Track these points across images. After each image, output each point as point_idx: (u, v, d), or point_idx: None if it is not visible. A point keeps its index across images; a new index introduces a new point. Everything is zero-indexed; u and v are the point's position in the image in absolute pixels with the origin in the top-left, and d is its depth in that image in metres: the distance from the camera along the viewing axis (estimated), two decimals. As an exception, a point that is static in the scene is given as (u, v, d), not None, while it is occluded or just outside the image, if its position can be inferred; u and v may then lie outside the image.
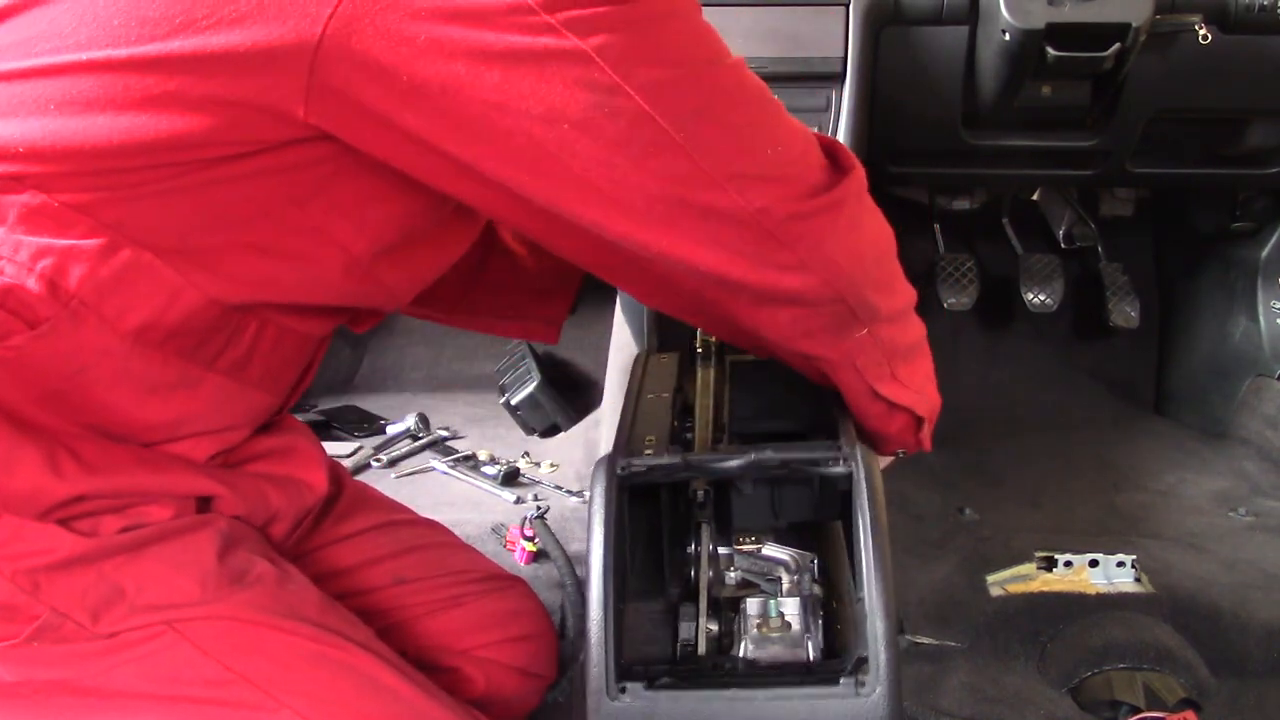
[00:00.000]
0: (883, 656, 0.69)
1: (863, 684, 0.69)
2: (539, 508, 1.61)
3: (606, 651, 0.69)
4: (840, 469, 0.77)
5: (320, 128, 0.72)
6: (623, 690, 0.69)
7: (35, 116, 0.72)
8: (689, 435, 0.93)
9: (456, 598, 1.09)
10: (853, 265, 0.82)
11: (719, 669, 0.75)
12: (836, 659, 0.76)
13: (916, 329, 0.94)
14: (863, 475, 0.75)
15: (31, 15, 0.73)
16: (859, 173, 0.83)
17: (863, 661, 0.70)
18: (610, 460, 0.77)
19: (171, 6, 0.69)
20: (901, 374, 0.92)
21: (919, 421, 0.96)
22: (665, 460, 0.78)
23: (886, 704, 0.68)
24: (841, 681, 0.69)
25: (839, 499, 0.81)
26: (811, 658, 0.79)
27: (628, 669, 0.71)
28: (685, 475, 0.79)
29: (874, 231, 0.87)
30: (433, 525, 1.17)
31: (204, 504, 0.86)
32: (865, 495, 0.74)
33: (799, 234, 0.78)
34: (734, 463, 0.78)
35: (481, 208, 0.81)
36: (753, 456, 0.78)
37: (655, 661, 0.75)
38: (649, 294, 0.92)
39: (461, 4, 0.68)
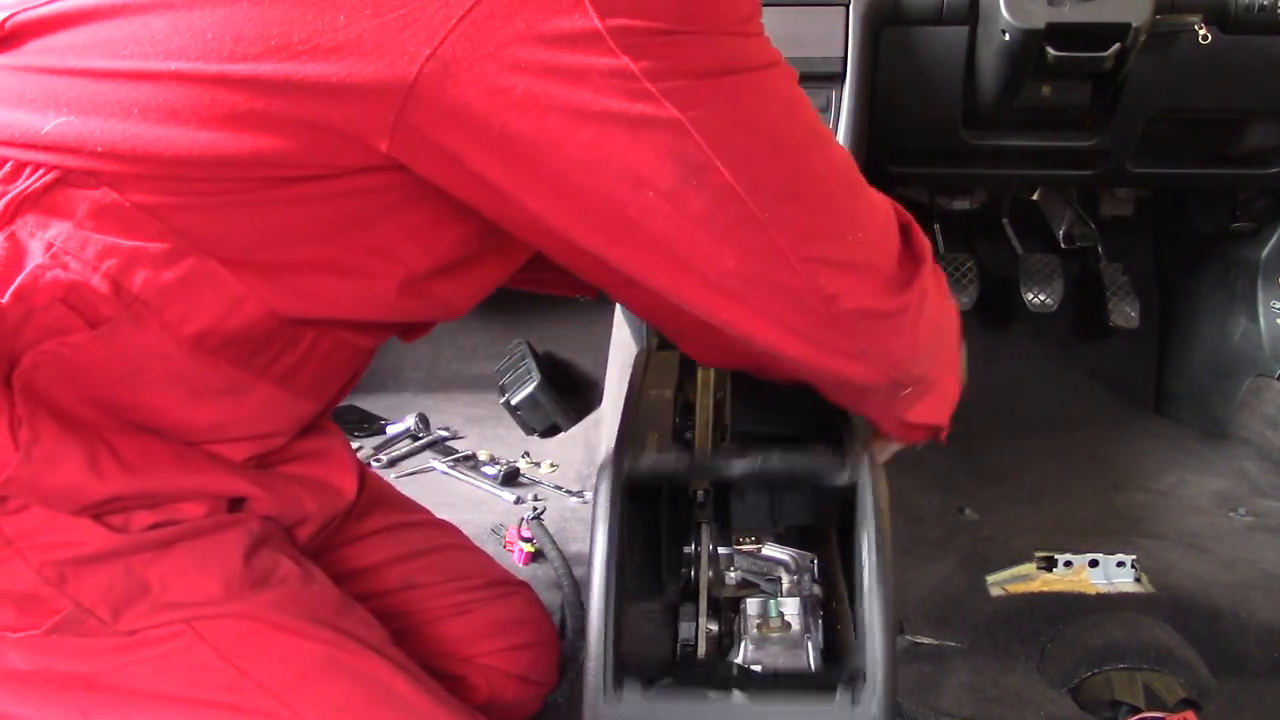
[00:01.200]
0: (880, 671, 0.69)
1: (858, 701, 0.69)
2: (535, 509, 1.62)
3: (605, 654, 0.69)
4: (845, 480, 0.77)
5: (399, 160, 0.72)
6: (619, 694, 0.69)
7: (117, 118, 0.72)
8: (689, 434, 0.93)
9: (463, 605, 1.09)
10: (913, 357, 0.83)
11: (717, 674, 0.75)
12: (835, 664, 0.76)
13: (951, 354, 0.94)
14: (868, 487, 0.75)
15: (123, 20, 0.73)
16: (929, 260, 0.84)
17: (859, 675, 0.70)
18: (616, 461, 0.77)
19: (268, 27, 0.69)
20: (932, 398, 0.92)
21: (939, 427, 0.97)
22: (671, 461, 0.78)
23: (881, 716, 0.68)
24: (838, 693, 0.69)
25: (838, 506, 0.81)
26: (812, 659, 0.79)
27: (627, 669, 0.70)
28: (690, 477, 0.79)
29: (937, 320, 0.87)
30: (444, 527, 1.18)
31: (236, 503, 0.86)
32: (870, 508, 0.74)
33: (865, 329, 0.79)
34: (739, 467, 0.78)
35: (548, 253, 0.81)
36: (759, 463, 0.78)
37: (654, 663, 0.75)
38: (704, 352, 0.92)
39: (563, 60, 0.67)
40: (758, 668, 0.78)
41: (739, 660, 0.79)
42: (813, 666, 0.79)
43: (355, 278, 0.81)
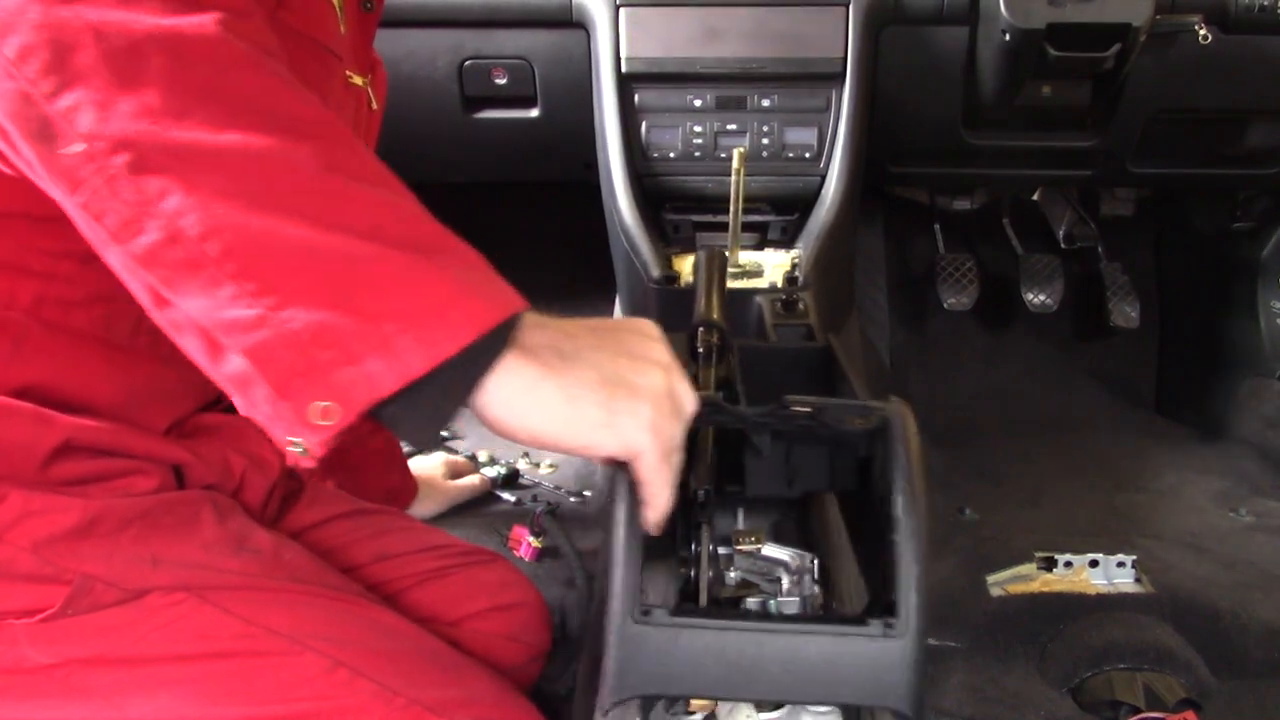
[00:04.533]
0: (913, 600, 0.68)
1: (891, 626, 0.68)
2: (548, 504, 1.61)
3: (632, 575, 0.68)
4: (873, 422, 0.76)
5: None
6: (646, 613, 0.68)
7: None
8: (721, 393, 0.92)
9: (441, 570, 1.09)
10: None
11: (744, 612, 0.75)
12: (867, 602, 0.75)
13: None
14: (899, 421, 0.74)
15: None
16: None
17: (892, 604, 0.69)
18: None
19: None
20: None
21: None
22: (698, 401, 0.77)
23: (914, 647, 0.68)
24: (870, 623, 0.69)
25: (855, 468, 0.80)
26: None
27: (648, 609, 0.70)
28: (710, 421, 0.78)
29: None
30: (401, 514, 1.18)
31: (178, 478, 0.87)
32: (903, 437, 0.73)
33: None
34: (761, 410, 0.77)
35: None
36: (781, 405, 0.77)
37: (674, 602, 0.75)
38: None
39: None
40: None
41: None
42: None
43: None
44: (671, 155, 1.56)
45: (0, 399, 0.76)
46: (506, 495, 1.69)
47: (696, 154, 1.56)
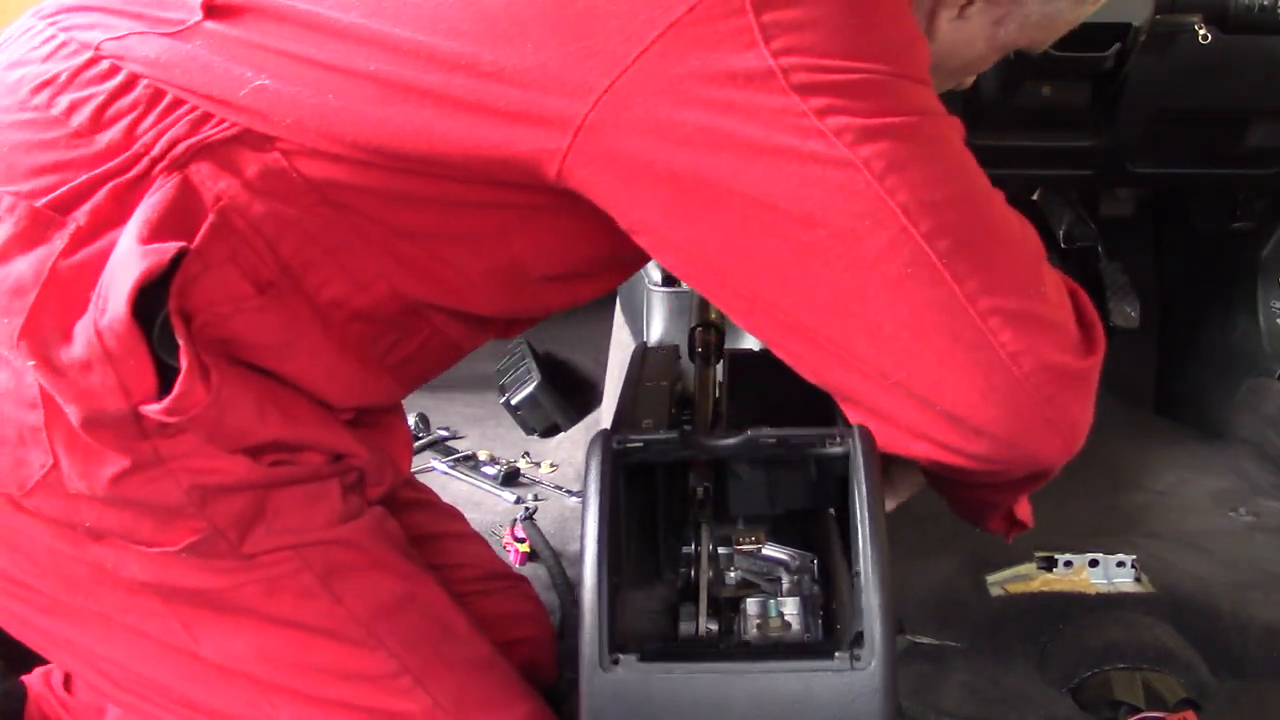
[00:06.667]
0: (878, 630, 0.68)
1: (858, 658, 0.68)
2: (528, 509, 1.62)
3: (600, 622, 0.69)
4: (838, 449, 0.76)
5: (564, 186, 0.75)
6: (615, 662, 0.69)
7: (311, 96, 0.76)
8: (686, 426, 0.93)
9: (459, 597, 1.09)
10: (1078, 441, 0.79)
11: (714, 646, 0.75)
12: (831, 639, 0.75)
13: None
14: (860, 452, 0.74)
15: (332, 11, 0.77)
16: (1102, 328, 0.81)
17: (859, 636, 0.69)
18: (605, 435, 0.76)
19: (462, 42, 0.73)
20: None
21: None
22: (661, 436, 0.77)
23: (882, 677, 0.67)
24: (836, 656, 0.68)
25: (836, 485, 0.80)
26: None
27: (622, 645, 0.70)
28: (682, 454, 0.79)
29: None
30: (450, 512, 1.19)
31: (338, 458, 0.90)
32: (862, 470, 0.73)
33: (1053, 394, 0.74)
34: (730, 441, 0.78)
35: (683, 276, 0.81)
36: (748, 434, 0.78)
37: (649, 637, 0.75)
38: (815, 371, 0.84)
39: (736, 97, 0.69)
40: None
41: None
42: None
43: (469, 274, 0.84)
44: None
45: (230, 393, 0.78)
46: (506, 495, 1.69)
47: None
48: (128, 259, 0.73)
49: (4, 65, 0.83)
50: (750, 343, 1.38)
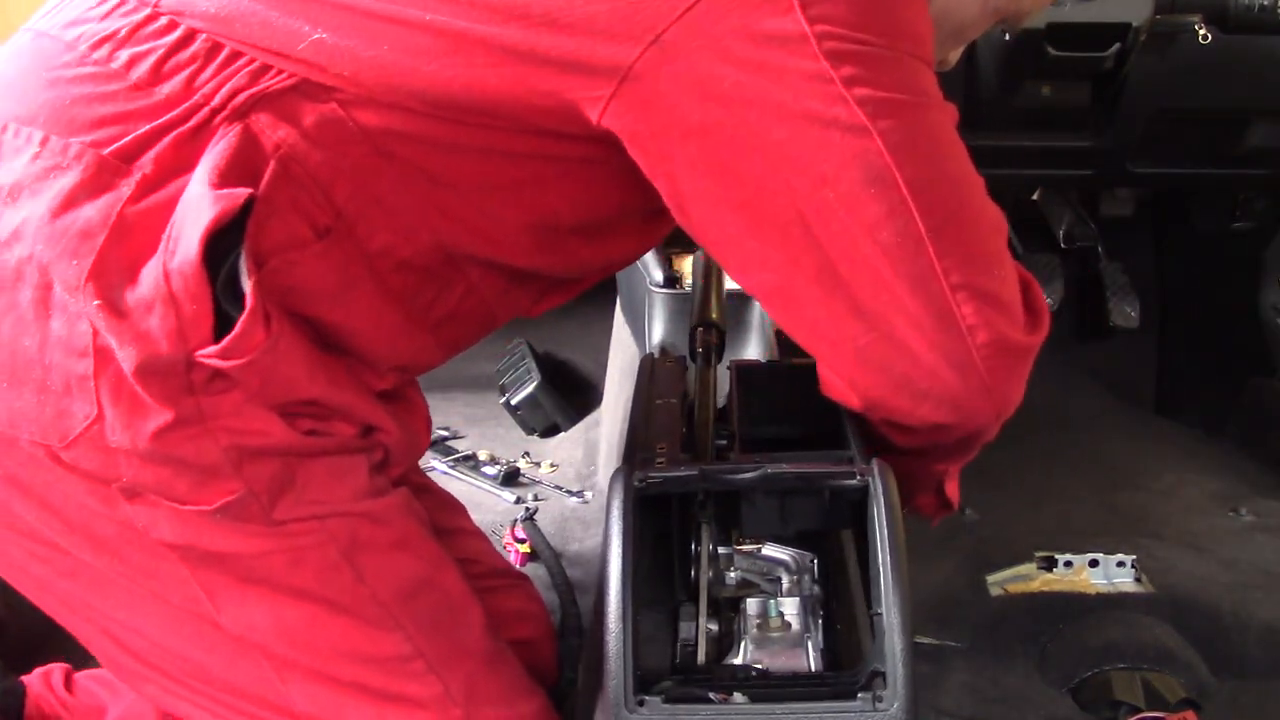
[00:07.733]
0: (900, 673, 0.69)
1: (880, 699, 0.69)
2: (528, 509, 1.62)
3: (625, 665, 0.69)
4: (855, 483, 0.77)
5: (605, 132, 0.79)
6: (641, 704, 0.69)
7: (368, 47, 0.79)
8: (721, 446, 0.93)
9: None
10: (1016, 404, 0.86)
11: (733, 677, 0.75)
12: (849, 671, 0.75)
13: None
14: (880, 490, 0.75)
15: None
16: (1047, 317, 0.88)
17: (878, 675, 0.70)
18: (626, 473, 0.77)
19: None
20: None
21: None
22: (681, 473, 0.78)
23: (904, 718, 0.68)
24: (859, 697, 0.69)
25: (848, 509, 0.81)
26: (811, 659, 0.79)
27: (644, 680, 0.71)
28: (701, 488, 0.79)
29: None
30: (454, 506, 1.19)
31: (368, 432, 0.90)
32: (884, 511, 0.74)
33: (997, 365, 0.82)
34: (748, 475, 0.78)
35: (697, 236, 0.84)
36: (766, 470, 0.78)
37: (660, 670, 0.75)
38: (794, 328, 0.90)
39: (771, 58, 0.73)
40: (760, 666, 0.78)
41: (739, 660, 0.79)
42: (812, 667, 0.79)
43: (507, 223, 0.87)
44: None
45: (286, 345, 0.78)
46: (506, 495, 1.69)
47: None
48: (200, 203, 0.74)
49: (61, 25, 0.84)
50: (752, 349, 1.39)
